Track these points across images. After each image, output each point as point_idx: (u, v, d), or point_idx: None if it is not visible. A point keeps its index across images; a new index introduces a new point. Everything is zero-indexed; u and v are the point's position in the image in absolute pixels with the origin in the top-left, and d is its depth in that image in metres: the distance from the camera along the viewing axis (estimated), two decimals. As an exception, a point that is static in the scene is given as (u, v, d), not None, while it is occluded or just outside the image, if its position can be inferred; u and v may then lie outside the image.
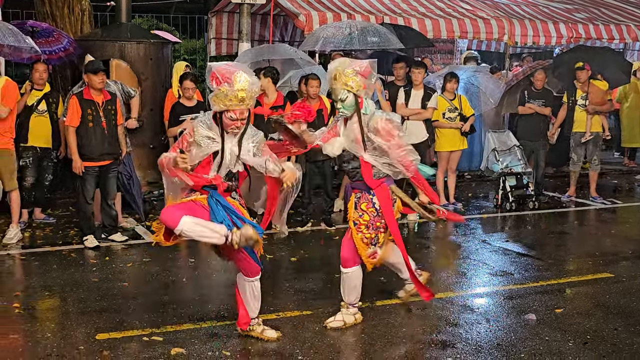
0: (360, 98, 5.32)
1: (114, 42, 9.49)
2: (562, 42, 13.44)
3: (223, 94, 4.72)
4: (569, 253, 8.16)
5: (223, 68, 4.80)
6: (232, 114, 4.79)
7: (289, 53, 10.67)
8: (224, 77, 4.73)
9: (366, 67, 5.32)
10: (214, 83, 4.76)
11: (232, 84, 4.72)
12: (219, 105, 4.77)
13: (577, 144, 10.73)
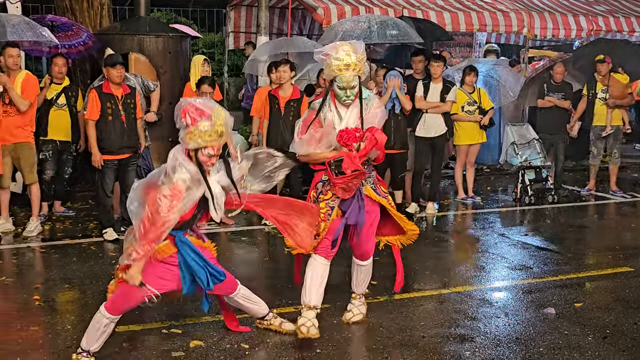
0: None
1: (132, 36, 9.52)
2: (582, 35, 13.32)
3: (201, 131, 4.52)
4: (589, 247, 8.12)
5: (198, 104, 4.59)
6: (209, 151, 4.59)
7: (307, 46, 10.65)
8: (202, 113, 4.53)
9: (363, 50, 5.23)
10: (187, 120, 4.53)
11: (212, 119, 4.55)
12: (196, 142, 4.54)
13: (597, 138, 10.65)
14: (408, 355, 4.97)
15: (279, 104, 8.49)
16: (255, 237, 8.23)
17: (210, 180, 4.68)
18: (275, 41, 11.34)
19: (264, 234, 8.31)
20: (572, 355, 4.98)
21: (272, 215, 5.12)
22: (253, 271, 7.04)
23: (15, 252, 7.52)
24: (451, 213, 9.64)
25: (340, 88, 5.13)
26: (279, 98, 8.52)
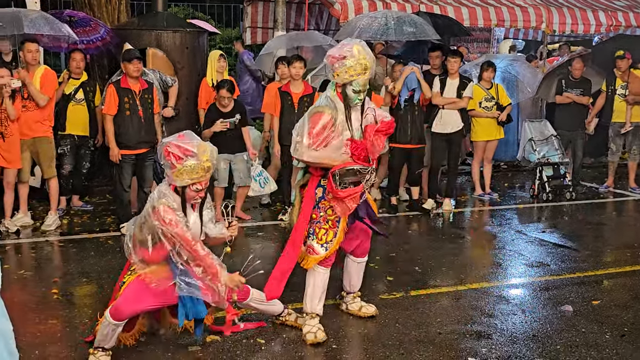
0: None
1: (150, 31, 9.54)
2: (601, 31, 13.21)
3: (189, 169, 4.57)
4: (607, 244, 8.06)
5: (180, 143, 4.63)
6: (198, 186, 4.65)
7: (321, 41, 10.64)
8: (186, 151, 4.58)
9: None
10: (172, 160, 4.58)
11: (198, 156, 4.60)
12: (183, 180, 4.60)
13: (616, 134, 10.57)
14: (424, 351, 4.96)
15: (292, 100, 8.48)
16: (272, 232, 8.24)
17: (190, 216, 4.76)
18: (291, 34, 11.28)
19: (280, 229, 8.32)
20: (589, 353, 4.95)
21: None
22: (269, 266, 7.02)
23: (33, 246, 7.57)
24: (468, 209, 9.61)
25: (355, 92, 5.00)
26: (291, 94, 8.51)
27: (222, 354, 4.86)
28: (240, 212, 8.61)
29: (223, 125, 8.18)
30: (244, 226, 8.38)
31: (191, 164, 4.58)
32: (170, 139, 4.69)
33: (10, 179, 7.88)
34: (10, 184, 7.89)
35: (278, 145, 8.55)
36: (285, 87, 8.67)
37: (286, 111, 8.48)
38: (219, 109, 8.30)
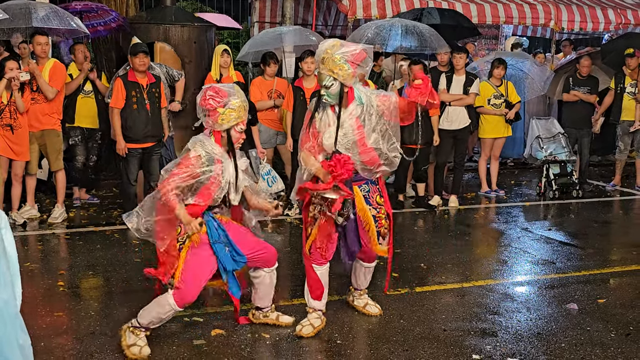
0: (349, 88, 4.91)
1: (158, 25, 9.56)
2: (610, 28, 13.17)
3: (236, 108, 4.63)
4: (613, 243, 8.05)
5: (217, 87, 4.68)
6: (241, 126, 4.71)
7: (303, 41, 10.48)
8: (225, 94, 4.63)
9: (359, 54, 4.86)
10: (214, 104, 4.61)
11: (237, 96, 4.65)
12: (230, 121, 4.65)
13: (624, 132, 10.54)
14: (428, 348, 4.97)
15: (305, 96, 8.48)
16: (277, 227, 8.26)
17: (238, 161, 4.80)
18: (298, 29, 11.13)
19: (286, 224, 8.33)
20: (594, 352, 4.95)
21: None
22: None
23: (40, 238, 7.61)
24: (474, 206, 9.60)
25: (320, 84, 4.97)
26: (304, 89, 8.51)
27: (227, 348, 4.88)
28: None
29: None
30: (250, 221, 8.39)
31: (236, 102, 4.65)
32: (207, 86, 4.74)
33: (18, 171, 7.91)
34: (18, 176, 7.92)
35: (290, 140, 8.56)
36: (298, 82, 8.69)
37: (299, 106, 8.48)
38: None
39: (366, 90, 5.02)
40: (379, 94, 4.99)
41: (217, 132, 4.71)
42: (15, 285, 3.15)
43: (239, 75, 9.38)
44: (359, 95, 4.94)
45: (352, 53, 4.85)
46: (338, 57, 4.83)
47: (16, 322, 3.10)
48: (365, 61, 4.90)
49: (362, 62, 4.88)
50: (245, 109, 4.72)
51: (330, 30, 14.49)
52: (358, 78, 4.99)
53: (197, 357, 4.74)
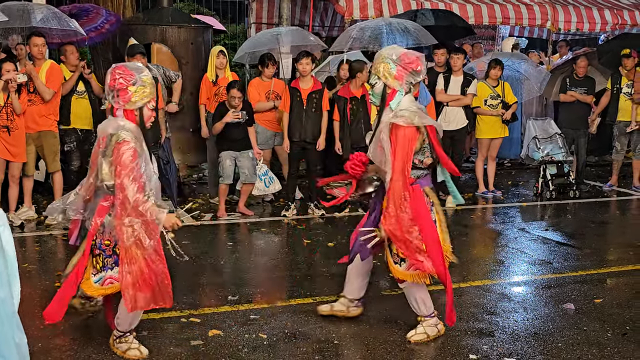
0: (392, 89, 4.82)
1: (155, 26, 9.57)
2: (606, 29, 13.20)
3: (144, 86, 4.47)
4: (610, 243, 8.07)
5: (125, 65, 4.54)
6: (152, 103, 4.58)
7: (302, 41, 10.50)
8: (133, 72, 4.47)
9: (413, 60, 4.78)
10: (121, 80, 4.43)
11: (145, 72, 4.52)
12: (143, 98, 4.48)
13: (620, 133, 10.55)
14: (425, 348, 4.97)
15: (301, 96, 8.49)
16: (275, 227, 8.26)
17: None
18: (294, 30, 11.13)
19: (282, 225, 8.34)
20: (590, 351, 4.96)
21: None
22: (272, 262, 7.07)
23: (37, 239, 7.60)
24: (471, 207, 9.61)
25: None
26: (300, 90, 8.52)
27: (224, 349, 4.88)
28: (243, 207, 8.64)
29: (235, 116, 8.20)
30: (247, 222, 8.40)
31: (146, 78, 4.50)
32: (111, 68, 4.53)
33: (15, 173, 7.91)
34: (15, 177, 7.92)
35: (287, 141, 8.56)
36: (294, 83, 8.69)
37: (295, 107, 8.49)
38: (229, 109, 8.32)
39: (406, 105, 4.81)
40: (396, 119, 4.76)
41: (130, 112, 4.51)
42: (12, 284, 3.16)
43: (235, 76, 9.39)
44: (396, 102, 4.81)
45: (402, 55, 4.80)
46: (385, 55, 4.82)
47: (13, 320, 3.11)
48: (415, 72, 4.80)
49: (413, 69, 4.78)
50: (154, 85, 4.58)
51: (327, 31, 14.51)
52: (406, 86, 4.83)
53: (194, 358, 4.74)
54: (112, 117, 4.54)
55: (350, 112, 8.59)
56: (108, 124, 4.51)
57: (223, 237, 8.00)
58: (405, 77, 4.78)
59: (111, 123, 4.49)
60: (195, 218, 8.03)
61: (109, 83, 4.48)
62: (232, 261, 7.03)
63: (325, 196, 9.49)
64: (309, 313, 5.53)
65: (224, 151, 8.44)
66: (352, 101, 8.61)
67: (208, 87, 9.10)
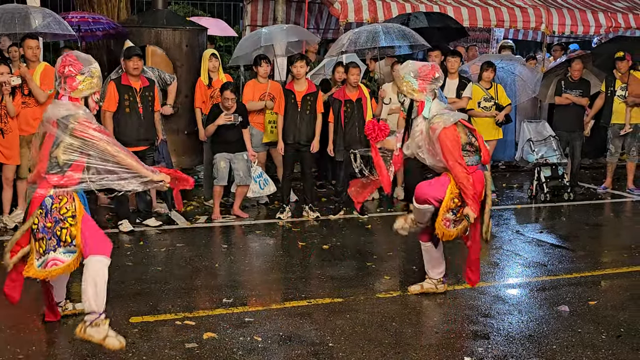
0: (420, 102, 5.39)
1: (150, 29, 9.56)
2: (600, 32, 13.22)
3: (91, 77, 4.56)
4: (604, 245, 8.08)
5: (75, 54, 4.60)
6: (97, 95, 4.65)
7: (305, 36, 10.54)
8: (82, 61, 4.55)
9: (429, 71, 5.39)
10: (70, 68, 4.51)
11: (95, 64, 4.59)
12: (90, 88, 4.57)
13: (615, 135, 10.57)
14: (420, 350, 4.98)
15: (296, 99, 8.49)
16: (270, 230, 8.25)
17: None
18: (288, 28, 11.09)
19: (277, 228, 8.33)
20: (585, 353, 4.96)
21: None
22: (267, 264, 7.06)
23: (31, 242, 7.57)
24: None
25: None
26: (295, 92, 8.52)
27: (219, 352, 4.87)
28: (238, 210, 8.63)
29: (227, 118, 8.21)
30: (241, 224, 8.40)
31: (95, 70, 4.57)
32: (63, 55, 4.60)
33: (9, 175, 7.89)
34: (9, 180, 7.90)
35: (282, 143, 8.56)
36: (289, 85, 8.69)
37: (290, 110, 8.49)
38: (222, 110, 8.33)
39: (436, 110, 5.43)
40: (433, 124, 5.37)
41: (74, 100, 4.58)
42: None
43: (229, 78, 9.38)
44: (427, 110, 5.41)
45: (418, 69, 5.41)
46: (403, 74, 5.44)
47: None
48: (435, 79, 5.41)
49: (432, 77, 5.40)
50: (101, 79, 4.66)
51: (322, 34, 14.52)
52: (431, 94, 5.44)
53: (189, 361, 4.74)
54: (57, 100, 4.60)
55: (344, 114, 8.60)
56: (58, 106, 4.54)
57: (218, 239, 7.99)
58: (428, 87, 5.41)
59: (63, 106, 4.54)
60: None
61: (59, 69, 4.56)
62: (227, 264, 7.03)
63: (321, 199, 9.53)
64: (303, 315, 5.53)
65: (218, 153, 8.44)
66: (347, 104, 8.61)
67: (203, 91, 9.10)
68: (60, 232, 4.51)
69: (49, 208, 4.53)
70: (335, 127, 8.64)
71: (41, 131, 4.59)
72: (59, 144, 4.48)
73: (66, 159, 4.48)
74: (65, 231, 4.52)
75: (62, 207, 4.52)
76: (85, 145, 4.49)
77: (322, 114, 8.64)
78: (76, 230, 4.53)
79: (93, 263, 4.55)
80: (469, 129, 5.51)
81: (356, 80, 8.57)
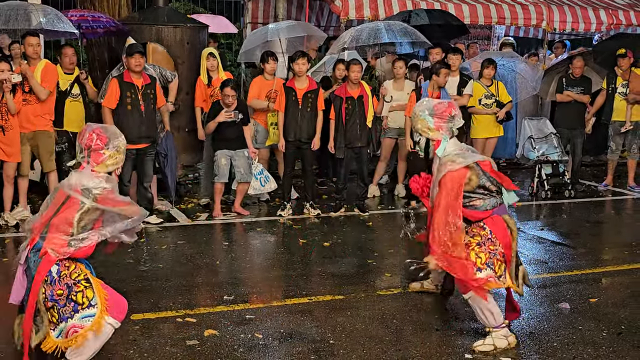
0: (436, 140, 5.09)
1: (150, 26, 9.56)
2: (601, 29, 13.23)
3: (119, 151, 4.42)
4: (605, 242, 8.08)
5: (101, 127, 4.46)
6: (119, 170, 4.53)
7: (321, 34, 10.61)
8: (106, 135, 4.40)
9: (446, 109, 5.09)
10: (98, 142, 4.36)
11: (120, 138, 4.45)
12: (115, 164, 4.44)
13: (616, 133, 10.57)
14: (421, 347, 4.98)
15: (297, 96, 8.49)
16: (271, 227, 8.26)
17: None
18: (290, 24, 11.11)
19: (278, 225, 8.34)
20: (586, 351, 4.97)
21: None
22: (268, 262, 7.07)
23: (33, 239, 7.58)
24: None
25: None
26: (296, 90, 8.51)
27: (220, 349, 4.88)
28: (239, 207, 8.63)
29: (227, 115, 8.21)
30: (242, 221, 8.40)
31: (121, 144, 4.44)
32: (89, 127, 4.45)
33: (10, 173, 7.89)
34: (10, 177, 7.91)
35: (283, 140, 8.56)
36: (289, 82, 8.68)
37: (290, 107, 8.48)
38: (223, 107, 8.32)
39: (451, 150, 5.08)
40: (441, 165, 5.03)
41: (95, 172, 4.39)
42: None
43: (230, 75, 9.37)
44: (442, 149, 5.08)
45: (434, 107, 5.11)
46: (418, 112, 5.14)
47: None
48: (452, 118, 5.09)
49: (449, 115, 5.08)
50: (125, 153, 4.51)
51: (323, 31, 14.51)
52: (448, 132, 5.10)
53: (190, 358, 4.74)
54: (81, 171, 4.39)
55: (345, 111, 8.59)
56: (83, 176, 4.36)
57: (219, 237, 7.99)
58: (444, 125, 5.09)
59: (88, 177, 4.36)
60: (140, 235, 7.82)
61: (85, 142, 4.37)
62: (228, 261, 7.03)
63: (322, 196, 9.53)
64: (304, 313, 5.54)
65: (219, 150, 8.44)
66: (348, 101, 8.60)
67: (203, 90, 9.10)
68: (76, 296, 4.28)
69: (55, 277, 4.29)
70: (336, 124, 8.63)
71: (56, 195, 4.39)
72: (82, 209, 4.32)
73: (83, 224, 4.33)
74: (81, 294, 4.29)
75: (72, 273, 4.34)
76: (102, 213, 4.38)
77: (323, 111, 8.64)
78: (91, 292, 4.34)
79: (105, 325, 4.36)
80: (487, 174, 5.07)
81: (357, 77, 8.57)
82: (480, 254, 4.94)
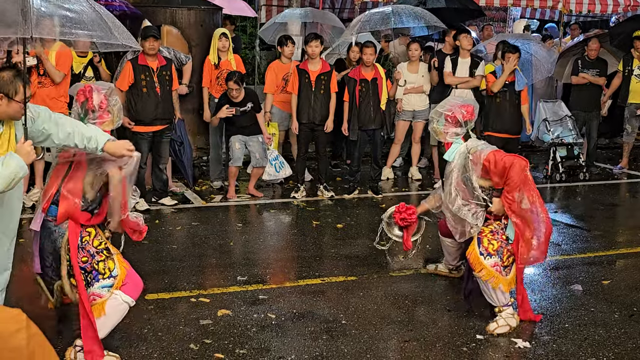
0: (445, 143, 5.21)
1: (165, 8, 9.56)
2: (618, 10, 13.09)
3: (119, 107, 4.56)
4: (619, 225, 8.06)
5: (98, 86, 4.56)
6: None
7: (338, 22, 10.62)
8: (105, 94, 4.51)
9: (457, 112, 5.16)
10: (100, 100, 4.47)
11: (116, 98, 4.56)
12: (120, 117, 4.60)
13: (631, 115, 10.49)
14: (432, 328, 5.01)
15: (310, 78, 8.48)
16: (284, 209, 8.29)
17: None
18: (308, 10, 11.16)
19: (292, 207, 8.37)
20: (597, 332, 4.98)
21: None
22: (281, 243, 7.11)
23: (49, 220, 7.65)
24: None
25: None
26: (309, 72, 8.51)
27: (233, 328, 4.93)
28: (253, 189, 8.66)
29: (228, 112, 8.22)
30: (256, 203, 8.44)
31: (118, 102, 4.58)
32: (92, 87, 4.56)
33: (26, 155, 7.94)
34: (26, 159, 7.95)
35: (296, 123, 8.57)
36: (302, 65, 8.66)
37: (304, 89, 8.48)
38: (230, 100, 8.31)
39: (466, 149, 5.15)
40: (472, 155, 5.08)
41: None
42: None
43: (238, 58, 9.30)
44: (452, 151, 5.18)
45: (444, 109, 5.21)
46: (433, 115, 5.29)
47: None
48: (465, 120, 5.16)
49: (458, 120, 5.15)
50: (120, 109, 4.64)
51: (338, 13, 14.47)
52: (460, 134, 5.19)
53: (203, 337, 4.79)
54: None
55: (359, 94, 8.57)
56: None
57: (233, 218, 8.04)
58: (451, 130, 5.17)
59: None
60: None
61: (100, 103, 4.48)
62: (242, 242, 7.08)
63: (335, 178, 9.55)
64: (317, 293, 5.58)
65: (233, 135, 8.46)
66: (362, 83, 8.59)
67: (210, 70, 9.06)
68: (97, 265, 4.34)
69: (79, 243, 4.37)
70: (350, 106, 8.62)
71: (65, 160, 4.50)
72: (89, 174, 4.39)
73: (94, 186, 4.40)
74: (103, 264, 4.35)
75: (94, 240, 4.41)
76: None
77: (337, 94, 8.63)
78: (112, 263, 4.38)
79: (120, 301, 4.39)
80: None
81: (370, 60, 8.54)
82: (493, 241, 5.05)
